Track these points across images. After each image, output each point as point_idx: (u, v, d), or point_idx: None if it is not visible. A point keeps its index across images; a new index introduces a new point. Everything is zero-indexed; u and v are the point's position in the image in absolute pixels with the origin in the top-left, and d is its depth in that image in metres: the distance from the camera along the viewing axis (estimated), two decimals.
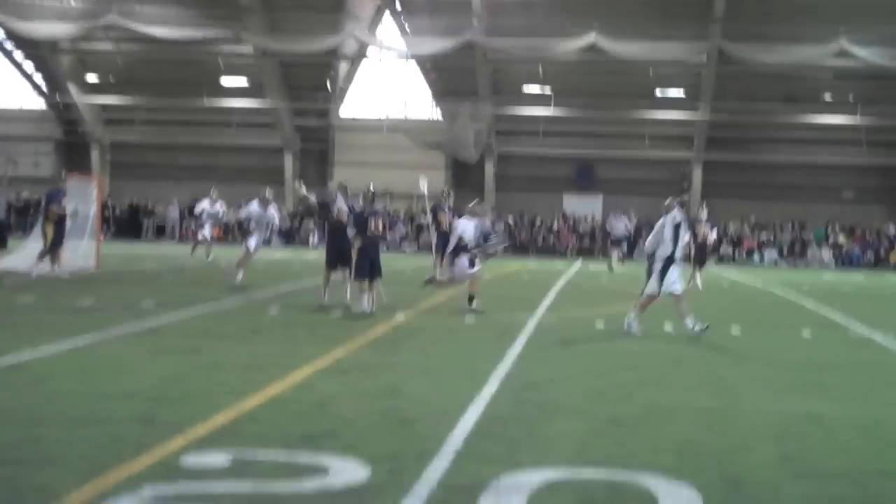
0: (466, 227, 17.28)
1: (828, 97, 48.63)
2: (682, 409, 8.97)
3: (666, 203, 15.14)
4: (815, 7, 42.64)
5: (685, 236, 15.43)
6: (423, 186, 22.93)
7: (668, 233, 14.82)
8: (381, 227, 16.96)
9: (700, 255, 25.40)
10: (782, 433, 8.09)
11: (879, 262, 44.92)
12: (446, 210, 23.19)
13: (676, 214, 14.85)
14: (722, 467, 6.92)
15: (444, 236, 22.99)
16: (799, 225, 47.92)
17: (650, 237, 15.36)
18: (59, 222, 21.93)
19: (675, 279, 14.72)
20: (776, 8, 43.49)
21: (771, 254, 45.67)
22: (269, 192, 22.01)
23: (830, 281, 32.68)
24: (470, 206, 18.17)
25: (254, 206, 21.53)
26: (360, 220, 16.79)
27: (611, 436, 7.79)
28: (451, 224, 23.22)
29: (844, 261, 44.98)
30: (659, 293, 14.81)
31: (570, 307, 18.42)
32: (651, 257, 15.20)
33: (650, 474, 6.56)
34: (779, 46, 43.48)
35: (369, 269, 16.44)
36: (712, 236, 26.89)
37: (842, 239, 46.74)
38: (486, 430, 7.76)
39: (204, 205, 30.29)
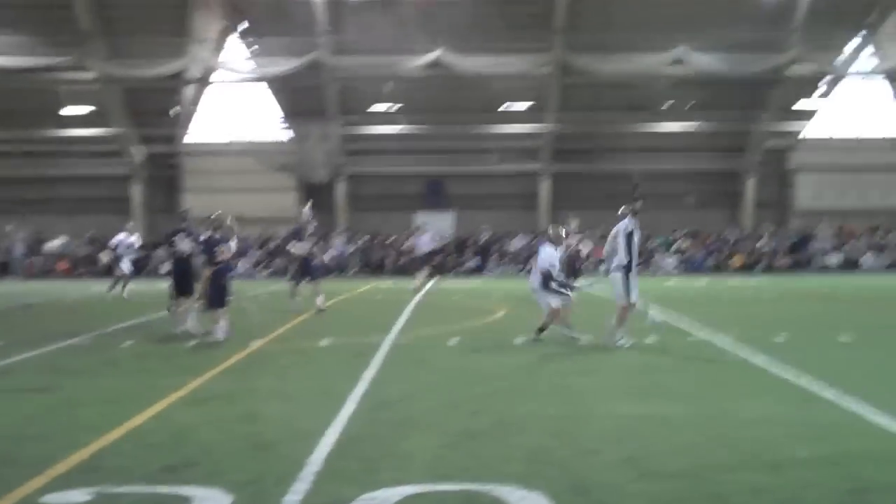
0: (551, 255, 15.95)
1: (668, 105, 50.05)
2: (531, 418, 9.31)
3: (619, 212, 15.54)
4: (653, 17, 43.95)
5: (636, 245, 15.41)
6: (307, 213, 22.97)
7: (621, 242, 15.20)
8: (227, 255, 16.99)
9: (572, 268, 25.41)
10: (627, 436, 8.50)
11: (721, 267, 46.44)
12: (307, 236, 23.02)
13: (628, 223, 15.22)
14: (570, 472, 7.26)
15: (303, 263, 22.78)
16: (645, 233, 49.15)
17: (606, 247, 15.73)
18: None
19: (634, 287, 15.16)
20: (615, 18, 44.61)
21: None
22: (132, 224, 21.42)
23: (674, 287, 33.77)
24: (550, 231, 16.55)
25: (121, 237, 20.90)
26: (207, 249, 16.84)
27: (464, 448, 8.08)
28: (311, 249, 23.10)
29: (688, 266, 46.34)
30: (632, 301, 15.14)
31: (423, 326, 18.68)
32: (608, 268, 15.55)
33: (503, 484, 6.85)
34: (619, 56, 44.75)
35: (219, 298, 16.51)
36: (585, 249, 26.82)
37: (685, 245, 48.22)
38: (345, 450, 7.98)
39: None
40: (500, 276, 43.77)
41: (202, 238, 17.31)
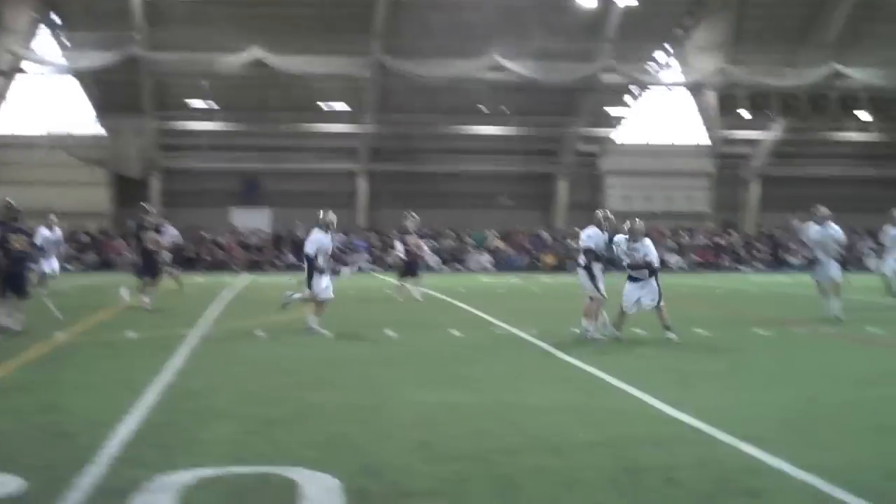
0: (595, 236, 15.70)
1: (484, 109, 51.04)
2: (332, 406, 9.54)
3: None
4: (469, 23, 44.78)
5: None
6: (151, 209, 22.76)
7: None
8: (23, 246, 16.58)
9: (411, 266, 25.23)
10: (421, 422, 8.80)
11: (534, 265, 47.56)
12: (150, 229, 22.46)
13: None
14: (364, 456, 7.50)
15: (147, 257, 22.10)
16: (459, 231, 49.99)
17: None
18: None
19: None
20: (433, 23, 45.26)
21: (434, 259, 47.32)
22: (54, 217, 21.21)
23: (486, 283, 34.48)
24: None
25: (44, 231, 20.64)
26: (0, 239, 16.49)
27: (263, 435, 8.23)
28: (154, 244, 22.55)
29: (502, 264, 47.28)
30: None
31: (233, 319, 18.71)
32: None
33: (296, 467, 7.04)
34: (437, 60, 45.40)
35: (16, 288, 16.19)
36: (424, 246, 26.73)
37: (499, 243, 49.23)
38: (143, 438, 8.04)
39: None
40: None
41: None
